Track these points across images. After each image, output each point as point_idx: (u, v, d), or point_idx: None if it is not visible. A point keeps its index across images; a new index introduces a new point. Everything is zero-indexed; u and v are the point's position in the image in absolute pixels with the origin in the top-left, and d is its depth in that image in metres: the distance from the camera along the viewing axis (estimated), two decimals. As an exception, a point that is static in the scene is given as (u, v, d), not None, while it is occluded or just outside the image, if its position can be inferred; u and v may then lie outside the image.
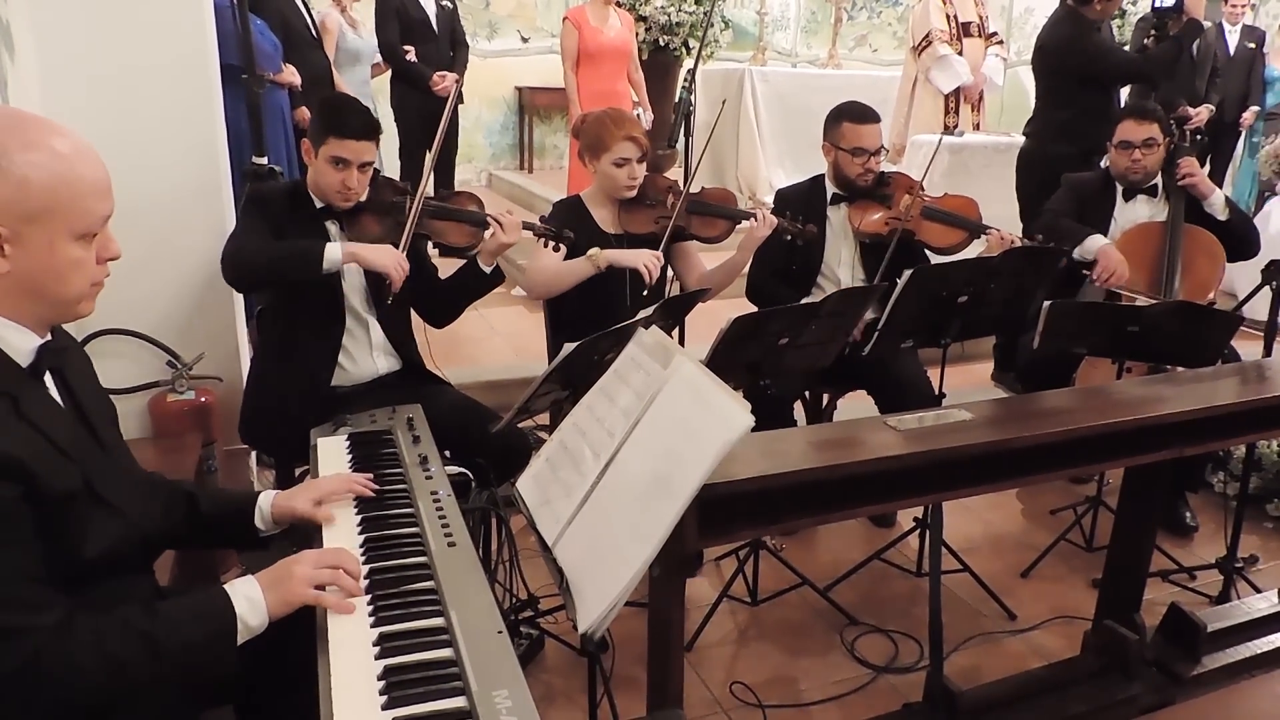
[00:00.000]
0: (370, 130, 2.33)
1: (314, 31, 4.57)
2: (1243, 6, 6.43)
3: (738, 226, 2.88)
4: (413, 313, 2.64)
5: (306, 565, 1.31)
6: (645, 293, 2.69)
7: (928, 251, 3.06)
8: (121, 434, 1.47)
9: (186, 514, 1.54)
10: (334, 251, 2.26)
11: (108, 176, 1.25)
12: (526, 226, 2.53)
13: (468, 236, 2.52)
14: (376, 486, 1.64)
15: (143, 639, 1.17)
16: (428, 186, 2.50)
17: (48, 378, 1.28)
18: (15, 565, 1.12)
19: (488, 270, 2.50)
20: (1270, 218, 5.46)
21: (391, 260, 2.31)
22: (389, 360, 2.54)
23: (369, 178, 2.39)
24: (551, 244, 2.63)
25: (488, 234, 2.48)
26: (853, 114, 3.04)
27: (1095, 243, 3.11)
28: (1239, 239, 3.20)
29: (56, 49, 2.49)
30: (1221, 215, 3.19)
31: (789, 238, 2.85)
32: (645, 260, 2.66)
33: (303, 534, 1.59)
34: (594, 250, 2.68)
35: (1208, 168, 6.47)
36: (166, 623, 1.20)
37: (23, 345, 1.23)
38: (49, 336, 1.27)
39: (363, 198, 2.40)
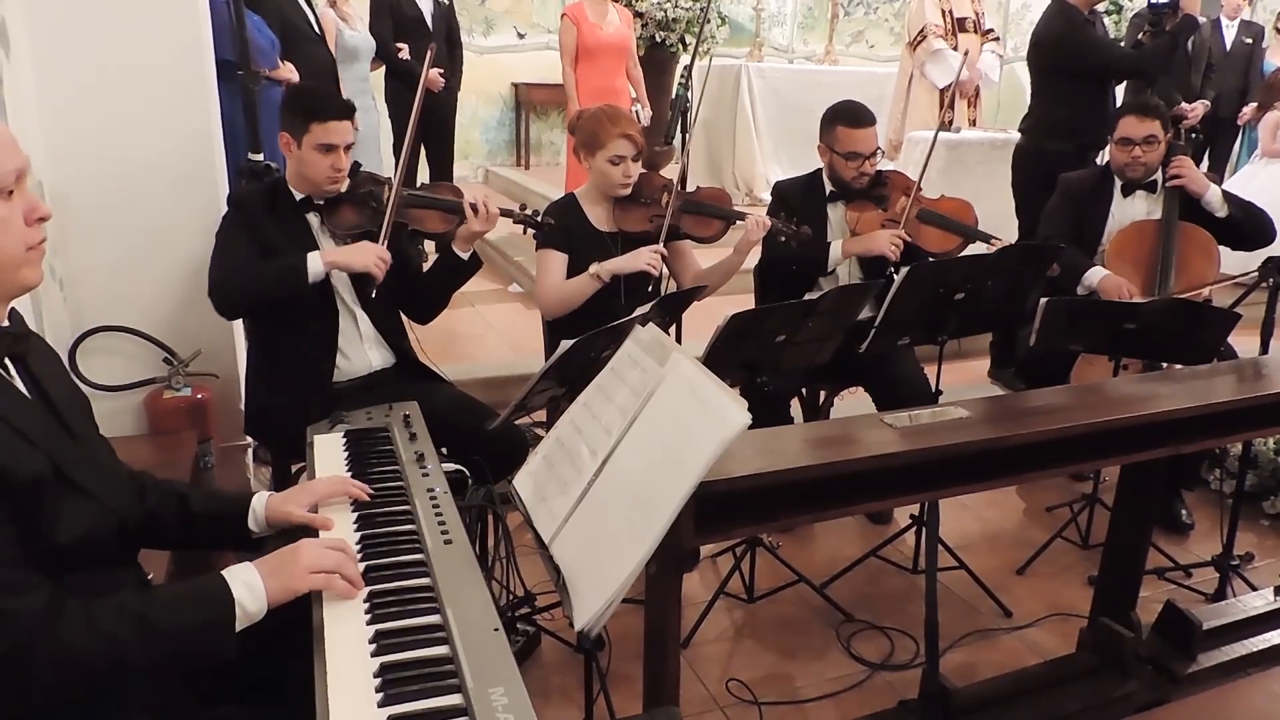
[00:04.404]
0: (347, 110, 2.42)
1: (316, 27, 4.54)
2: (1241, 1, 6.42)
3: (733, 225, 2.87)
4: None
5: (309, 553, 1.31)
6: (651, 288, 2.68)
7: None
8: (98, 427, 1.45)
9: (178, 514, 1.52)
10: (315, 264, 2.31)
11: (8, 134, 1.22)
12: (504, 213, 2.54)
13: (446, 223, 2.53)
14: (372, 491, 1.62)
15: (137, 620, 1.16)
16: (416, 181, 2.52)
17: (11, 366, 1.27)
18: None
19: (464, 256, 2.51)
20: (1250, 182, 5.49)
21: (369, 258, 2.34)
22: (382, 353, 2.55)
23: (349, 161, 2.43)
24: (532, 230, 2.64)
25: (468, 217, 2.48)
26: (847, 117, 2.98)
27: (1095, 276, 3.11)
28: (1248, 231, 3.16)
29: (52, 45, 2.48)
30: (1220, 212, 3.14)
31: (783, 239, 2.82)
32: (646, 259, 2.66)
33: (295, 535, 1.58)
34: (594, 266, 2.67)
35: (1205, 164, 6.45)
36: (162, 606, 1.19)
37: None
38: (6, 322, 1.26)
39: (343, 188, 2.43)
